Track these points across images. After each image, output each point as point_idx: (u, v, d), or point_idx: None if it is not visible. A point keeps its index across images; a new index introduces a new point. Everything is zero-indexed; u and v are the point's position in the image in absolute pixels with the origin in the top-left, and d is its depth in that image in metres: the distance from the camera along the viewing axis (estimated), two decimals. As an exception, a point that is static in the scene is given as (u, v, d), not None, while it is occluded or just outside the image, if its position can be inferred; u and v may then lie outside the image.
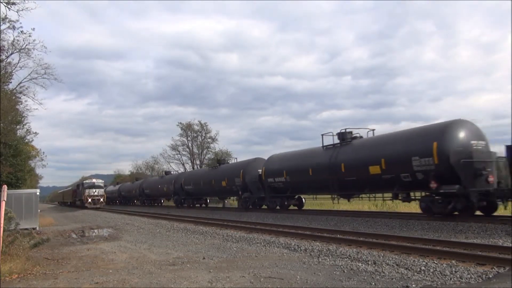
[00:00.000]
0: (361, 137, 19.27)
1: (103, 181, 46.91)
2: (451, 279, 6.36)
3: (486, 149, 14.66)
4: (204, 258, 9.06)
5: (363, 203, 25.20)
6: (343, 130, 19.35)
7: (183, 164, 61.47)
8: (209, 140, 60.05)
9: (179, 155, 62.14)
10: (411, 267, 7.15)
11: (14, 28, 23.74)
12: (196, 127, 59.88)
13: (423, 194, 15.64)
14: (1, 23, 22.74)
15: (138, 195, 48.83)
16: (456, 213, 14.28)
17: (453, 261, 7.44)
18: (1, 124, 23.14)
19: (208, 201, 35.91)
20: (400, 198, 16.62)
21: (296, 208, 23.93)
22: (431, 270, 6.84)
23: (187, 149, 61.26)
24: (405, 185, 15.54)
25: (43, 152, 41.42)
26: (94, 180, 44.65)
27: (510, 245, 9.01)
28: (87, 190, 41.25)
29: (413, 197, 16.31)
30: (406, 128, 17.23)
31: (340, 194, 19.55)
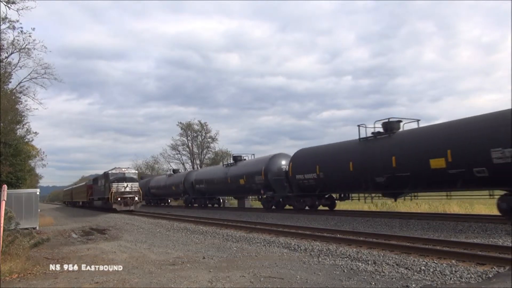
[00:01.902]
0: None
1: (136, 172, 34.12)
2: (451, 278, 6.36)
3: None
4: (204, 258, 9.06)
5: (362, 203, 25.22)
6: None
7: (183, 164, 61.51)
8: (209, 139, 60.11)
9: (179, 155, 62.14)
10: (411, 267, 7.15)
11: (14, 28, 23.80)
12: (196, 127, 59.98)
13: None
14: (1, 23, 22.76)
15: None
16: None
17: (453, 261, 7.45)
18: (1, 124, 23.14)
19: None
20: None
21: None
22: (431, 270, 6.84)
23: (187, 149, 61.34)
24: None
25: (43, 152, 41.29)
26: (124, 170, 31.00)
27: (510, 245, 9.01)
28: (114, 185, 29.00)
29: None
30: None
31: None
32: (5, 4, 21.70)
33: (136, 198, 29.59)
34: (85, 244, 12.80)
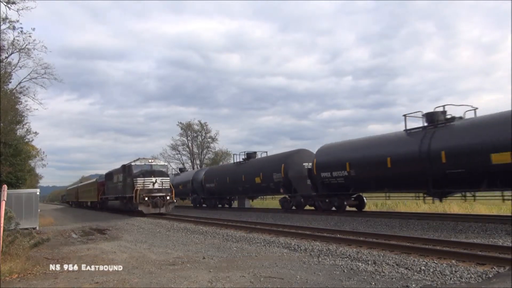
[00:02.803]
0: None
1: (166, 164, 28.79)
2: (451, 278, 6.36)
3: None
4: (204, 258, 9.06)
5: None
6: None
7: (183, 164, 61.45)
8: (209, 139, 60.11)
9: (179, 155, 62.08)
10: (411, 267, 7.15)
11: (14, 28, 23.82)
12: (196, 127, 59.96)
13: None
14: (1, 23, 22.78)
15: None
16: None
17: (453, 261, 7.45)
18: (1, 124, 23.14)
19: None
20: None
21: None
22: (431, 270, 6.84)
23: (187, 149, 61.30)
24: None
25: (43, 152, 41.34)
26: (151, 161, 25.27)
27: (510, 245, 9.02)
28: (140, 181, 23.06)
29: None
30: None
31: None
32: (5, 4, 21.72)
33: (168, 198, 23.32)
34: (85, 244, 12.80)
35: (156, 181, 23.30)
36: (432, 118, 15.40)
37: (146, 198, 22.61)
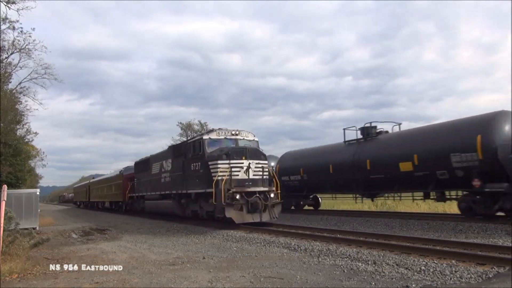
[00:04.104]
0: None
1: (257, 140, 15.84)
2: (451, 279, 6.36)
3: None
4: (204, 258, 9.06)
5: (363, 203, 25.17)
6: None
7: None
8: (209, 140, 59.93)
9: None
10: (411, 267, 7.15)
11: (14, 28, 23.86)
12: (196, 127, 59.84)
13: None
14: (1, 23, 22.81)
15: None
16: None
17: (453, 261, 7.45)
18: (1, 124, 23.16)
19: None
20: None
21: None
22: (431, 270, 6.84)
23: (187, 149, 61.06)
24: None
25: (43, 152, 41.37)
26: (235, 132, 15.13)
27: (510, 245, 9.03)
28: (222, 166, 13.61)
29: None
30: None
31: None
32: (5, 4, 21.73)
33: (272, 195, 14.30)
34: (85, 244, 12.80)
35: (249, 167, 13.80)
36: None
37: (238, 196, 13.47)
